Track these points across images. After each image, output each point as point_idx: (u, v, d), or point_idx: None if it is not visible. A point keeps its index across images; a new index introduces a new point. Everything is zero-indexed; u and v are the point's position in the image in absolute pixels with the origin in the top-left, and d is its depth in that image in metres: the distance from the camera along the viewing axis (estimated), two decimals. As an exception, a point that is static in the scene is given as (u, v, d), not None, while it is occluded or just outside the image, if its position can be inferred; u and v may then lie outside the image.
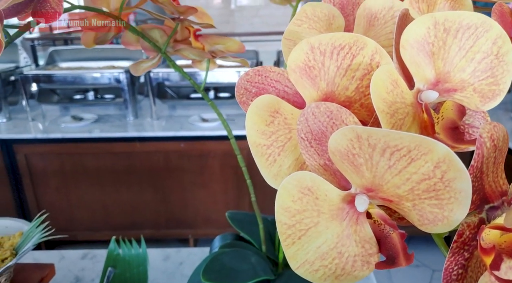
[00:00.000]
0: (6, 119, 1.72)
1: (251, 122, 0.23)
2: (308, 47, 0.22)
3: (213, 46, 0.45)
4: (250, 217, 0.64)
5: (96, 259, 0.86)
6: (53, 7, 0.29)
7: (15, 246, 0.62)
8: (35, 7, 0.30)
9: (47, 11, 0.29)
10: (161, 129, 1.66)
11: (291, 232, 0.20)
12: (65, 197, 1.67)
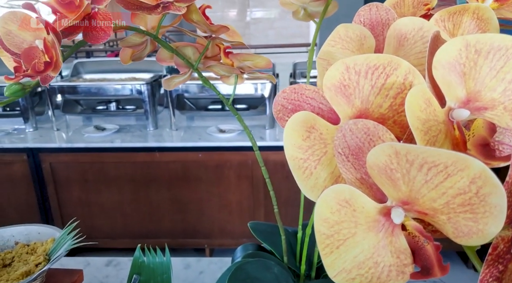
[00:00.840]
0: (32, 128, 1.79)
1: (289, 137, 0.24)
2: (343, 67, 0.24)
3: (241, 63, 0.47)
4: (271, 227, 0.65)
5: (120, 267, 0.88)
6: (103, 29, 0.31)
7: (47, 251, 0.65)
8: (85, 29, 0.32)
9: (97, 32, 0.32)
10: (179, 139, 1.69)
11: (330, 242, 0.21)
12: (86, 205, 1.71)
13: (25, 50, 0.29)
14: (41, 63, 0.28)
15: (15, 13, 0.29)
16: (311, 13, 0.57)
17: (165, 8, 0.38)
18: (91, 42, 0.32)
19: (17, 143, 1.66)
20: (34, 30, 0.29)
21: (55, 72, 0.29)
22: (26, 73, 0.28)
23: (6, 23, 0.29)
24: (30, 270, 0.60)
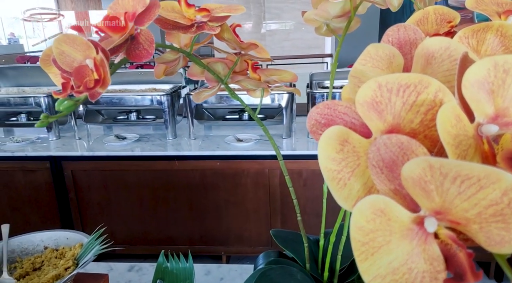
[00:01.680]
0: (55, 137, 1.85)
1: (323, 150, 0.26)
2: (376, 85, 0.25)
3: (268, 77, 0.49)
4: (293, 235, 0.67)
5: (142, 272, 0.90)
6: (145, 48, 0.34)
7: (76, 256, 0.67)
8: (128, 48, 0.35)
9: (140, 52, 0.34)
10: (197, 148, 1.72)
11: (365, 249, 0.23)
12: (106, 212, 1.75)
13: (77, 69, 0.31)
14: (92, 81, 0.31)
15: (68, 35, 0.31)
16: (334, 28, 0.59)
17: (199, 28, 0.41)
18: (135, 60, 0.34)
19: (40, 152, 1.72)
20: (84, 50, 0.31)
21: (103, 89, 0.32)
22: (78, 90, 0.30)
23: (60, 44, 0.31)
24: (60, 274, 0.63)
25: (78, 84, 0.31)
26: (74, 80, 0.31)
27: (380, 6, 0.59)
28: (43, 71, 1.44)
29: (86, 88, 0.30)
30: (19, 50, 5.41)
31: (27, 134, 1.93)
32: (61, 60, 0.31)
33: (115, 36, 0.34)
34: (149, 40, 0.34)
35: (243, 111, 1.93)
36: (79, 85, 0.31)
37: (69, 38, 0.31)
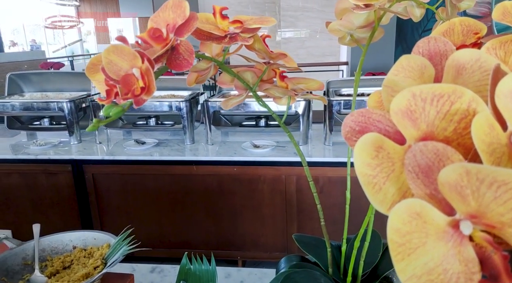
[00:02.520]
0: (77, 141, 1.90)
1: (359, 156, 0.28)
2: (410, 94, 0.27)
3: (295, 85, 0.50)
4: (315, 240, 0.68)
5: (163, 273, 0.92)
6: (186, 58, 0.36)
7: (104, 256, 0.70)
8: (169, 58, 0.37)
9: (181, 62, 0.36)
10: (215, 154, 1.75)
11: (401, 250, 0.24)
12: (125, 214, 1.79)
13: (124, 77, 0.34)
14: (138, 88, 0.33)
15: (116, 45, 0.34)
16: (357, 38, 0.61)
17: (232, 39, 0.43)
18: (176, 69, 0.36)
19: (62, 155, 1.77)
20: (131, 59, 0.34)
21: (147, 96, 0.34)
22: (126, 96, 0.33)
23: (108, 53, 0.34)
24: (89, 273, 0.65)
25: (126, 91, 0.33)
26: (122, 88, 0.33)
27: (403, 17, 0.60)
28: (65, 77, 1.55)
29: (133, 95, 0.32)
30: (41, 56, 5.59)
31: (49, 138, 1.99)
32: (109, 68, 0.34)
33: (157, 46, 0.37)
34: (189, 51, 0.37)
35: (260, 118, 1.95)
36: (126, 92, 0.33)
37: (117, 48, 0.33)
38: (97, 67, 0.38)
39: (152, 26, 0.38)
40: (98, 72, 0.39)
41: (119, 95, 0.36)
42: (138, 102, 0.34)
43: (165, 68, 0.39)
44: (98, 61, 0.38)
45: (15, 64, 4.94)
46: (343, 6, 0.59)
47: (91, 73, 0.39)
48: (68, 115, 1.84)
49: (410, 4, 0.59)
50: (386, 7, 0.55)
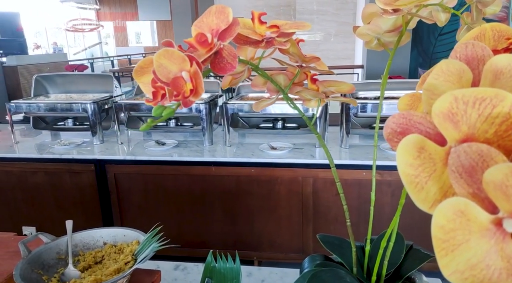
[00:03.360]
0: (99, 141, 1.95)
1: (401, 156, 0.29)
2: (452, 98, 0.28)
3: (326, 88, 0.52)
4: (338, 240, 0.69)
5: (186, 271, 0.94)
6: (229, 62, 0.38)
7: (134, 252, 0.72)
8: (213, 61, 0.39)
9: (224, 65, 0.38)
10: (232, 155, 1.77)
11: (445, 246, 0.25)
12: (145, 213, 1.82)
13: (174, 79, 0.36)
14: (188, 90, 0.35)
15: (167, 49, 0.36)
16: (384, 42, 0.62)
17: (269, 43, 0.45)
18: (220, 72, 0.38)
19: (85, 155, 1.82)
20: (180, 63, 0.36)
21: (195, 98, 0.36)
22: (176, 98, 0.35)
23: (160, 57, 0.36)
24: (121, 268, 0.68)
25: (176, 93, 0.35)
26: (172, 90, 0.36)
27: (428, 21, 0.61)
28: (89, 78, 1.61)
29: (183, 96, 0.34)
30: (63, 59, 5.74)
31: (72, 138, 2.05)
32: (160, 71, 0.36)
33: (202, 50, 0.39)
34: (232, 55, 0.39)
35: (277, 120, 1.97)
36: (176, 94, 0.35)
37: (168, 52, 0.35)
38: (144, 70, 0.41)
39: (196, 31, 0.41)
40: (145, 74, 0.41)
41: (165, 96, 0.39)
42: (186, 103, 0.36)
43: (209, 70, 0.41)
44: (145, 65, 0.40)
45: (38, 66, 5.10)
46: (370, 10, 0.60)
47: (138, 75, 0.41)
48: (92, 116, 1.89)
49: (435, 9, 0.60)
50: (413, 12, 0.56)
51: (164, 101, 0.40)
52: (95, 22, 7.59)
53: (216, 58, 0.39)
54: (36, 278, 0.66)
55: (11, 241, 0.86)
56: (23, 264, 0.65)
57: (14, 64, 4.93)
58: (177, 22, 7.25)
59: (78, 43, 9.51)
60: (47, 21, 8.51)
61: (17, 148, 1.97)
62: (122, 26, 9.62)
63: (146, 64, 0.40)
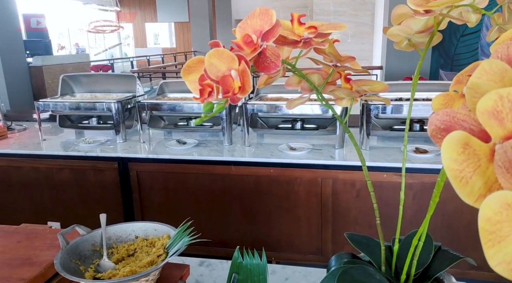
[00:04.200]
0: (122, 140, 2.00)
1: (446, 152, 0.30)
2: (497, 96, 0.29)
3: (360, 87, 0.53)
4: (366, 239, 0.69)
5: (211, 267, 0.97)
6: (273, 61, 0.40)
7: (165, 245, 0.75)
8: (257, 61, 0.41)
9: (268, 64, 0.40)
10: (251, 155, 1.79)
11: (492, 237, 0.26)
12: (165, 211, 1.86)
13: (223, 77, 0.38)
14: (237, 88, 0.37)
15: (217, 50, 0.38)
16: (415, 43, 0.63)
17: (306, 44, 0.46)
18: (263, 71, 0.40)
19: (109, 153, 1.87)
20: (228, 62, 0.38)
21: (243, 94, 0.38)
22: (226, 95, 0.37)
23: (210, 57, 0.38)
24: (153, 260, 0.70)
25: (225, 90, 0.37)
26: (221, 87, 0.38)
27: (458, 22, 0.62)
28: (113, 78, 1.67)
29: (233, 93, 0.36)
30: (85, 59, 5.90)
31: (97, 136, 2.11)
32: (210, 70, 0.38)
33: (247, 50, 0.41)
34: (276, 54, 0.40)
35: (296, 121, 1.98)
36: (226, 91, 0.37)
37: (218, 52, 0.38)
38: (192, 69, 0.43)
39: (241, 32, 0.43)
40: (192, 73, 0.43)
41: (211, 94, 0.41)
42: (234, 100, 0.38)
43: (253, 69, 0.42)
44: (193, 64, 0.43)
45: (61, 66, 5.25)
46: (400, 11, 0.61)
47: (185, 74, 0.43)
48: (116, 115, 1.94)
49: (465, 9, 0.61)
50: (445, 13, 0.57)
51: (210, 98, 0.42)
52: (115, 24, 7.77)
53: (259, 57, 0.41)
54: (74, 267, 0.69)
55: (47, 233, 0.90)
56: (62, 254, 0.68)
57: (40, 64, 5.10)
58: (195, 23, 7.34)
59: (98, 44, 9.74)
60: (69, 23, 8.76)
61: (44, 145, 2.04)
62: (141, 27, 9.80)
63: (194, 63, 0.42)
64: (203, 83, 0.41)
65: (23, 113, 3.23)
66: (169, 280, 0.73)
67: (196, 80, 0.42)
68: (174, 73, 5.60)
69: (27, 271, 0.73)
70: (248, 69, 0.37)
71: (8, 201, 2.05)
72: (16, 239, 0.87)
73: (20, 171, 1.98)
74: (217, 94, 0.39)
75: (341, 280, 0.55)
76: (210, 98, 0.42)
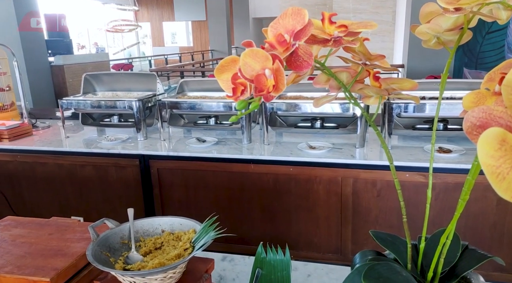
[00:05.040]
0: (143, 137, 2.04)
1: (482, 148, 0.30)
2: (535, 93, 0.29)
3: (388, 85, 0.53)
4: (391, 237, 0.70)
5: (234, 262, 0.98)
6: (305, 60, 0.41)
7: (191, 239, 0.77)
8: (289, 60, 0.42)
9: (301, 63, 0.41)
10: (270, 153, 1.80)
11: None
12: (185, 208, 1.89)
13: (257, 76, 0.39)
14: (271, 86, 0.38)
15: (252, 49, 0.39)
16: (444, 41, 0.62)
17: (336, 42, 0.47)
18: (296, 70, 0.41)
19: (131, 150, 1.91)
20: (262, 61, 0.39)
21: (276, 93, 0.39)
22: (260, 94, 0.38)
23: (245, 56, 0.39)
24: (180, 253, 0.72)
25: (259, 89, 0.39)
26: (255, 86, 0.39)
27: (488, 19, 0.61)
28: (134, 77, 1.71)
29: (267, 92, 0.38)
30: (105, 58, 6.04)
31: (118, 134, 2.16)
32: (244, 69, 0.39)
33: (280, 49, 0.42)
34: (308, 53, 0.41)
35: (315, 119, 1.98)
36: (260, 90, 0.38)
37: (253, 52, 0.39)
38: (225, 68, 0.44)
39: (272, 31, 0.44)
40: (225, 72, 0.45)
41: (244, 92, 0.42)
42: (268, 98, 0.39)
43: (285, 68, 0.43)
44: (226, 63, 0.44)
45: (82, 65, 5.39)
46: (429, 9, 0.61)
47: (218, 73, 0.45)
48: (137, 113, 1.99)
49: (496, 6, 0.60)
50: (475, 10, 0.56)
51: (243, 96, 0.43)
52: (133, 23, 7.91)
53: (292, 56, 0.42)
54: (105, 259, 0.71)
55: (76, 226, 0.93)
56: (93, 246, 0.71)
57: (61, 63, 5.25)
58: (212, 22, 7.38)
59: (117, 43, 9.93)
60: (89, 22, 8.97)
61: (67, 142, 2.10)
62: (158, 26, 9.95)
63: (227, 62, 0.44)
64: (236, 81, 0.42)
65: (46, 110, 3.33)
66: (195, 273, 0.75)
67: (228, 78, 0.44)
68: (192, 72, 5.67)
69: (60, 262, 0.76)
70: (283, 67, 0.38)
71: (34, 196, 2.12)
72: (47, 231, 0.90)
73: (45, 167, 2.05)
74: (250, 93, 0.40)
75: (368, 276, 0.55)
76: (243, 96, 0.43)
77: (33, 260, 0.77)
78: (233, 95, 0.43)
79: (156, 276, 0.67)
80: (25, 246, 0.83)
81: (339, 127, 1.94)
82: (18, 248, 0.82)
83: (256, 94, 0.39)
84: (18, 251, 0.81)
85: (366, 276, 0.55)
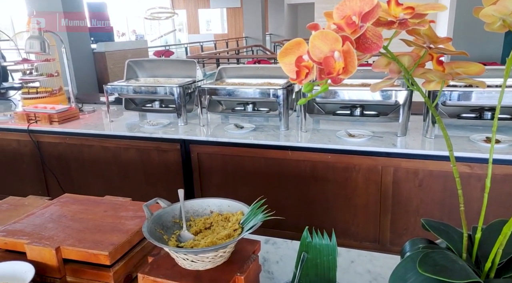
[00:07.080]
0: (183, 123, 2.10)
1: None
2: None
3: (453, 70, 0.52)
4: (444, 225, 0.68)
5: (276, 245, 1.00)
6: (374, 42, 0.40)
7: (239, 221, 0.79)
8: (357, 42, 0.42)
9: (369, 45, 0.41)
10: (308, 140, 1.79)
11: None
12: (223, 192, 1.94)
13: (325, 59, 0.39)
14: (340, 69, 0.38)
15: (322, 31, 0.39)
16: (510, 23, 0.59)
17: (402, 25, 0.46)
18: (364, 52, 0.41)
19: (172, 135, 1.97)
20: (332, 43, 0.39)
21: (345, 75, 0.39)
22: (329, 76, 0.38)
23: (314, 39, 0.39)
24: (230, 234, 0.75)
25: (327, 71, 0.39)
26: (324, 68, 0.39)
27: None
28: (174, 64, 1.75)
29: (337, 74, 0.38)
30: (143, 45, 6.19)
31: (159, 119, 2.22)
32: (313, 52, 0.39)
33: (349, 30, 0.41)
34: (377, 35, 0.41)
35: (355, 107, 1.94)
36: (328, 73, 0.38)
37: (323, 34, 0.39)
38: (288, 51, 0.45)
39: (338, 13, 0.43)
40: (288, 55, 0.45)
41: (308, 75, 0.42)
42: (336, 80, 0.39)
43: (350, 52, 0.43)
44: (290, 46, 0.44)
45: (122, 52, 5.56)
46: (495, -9, 0.58)
47: (282, 56, 0.45)
48: (178, 98, 2.04)
49: None
50: (549, -10, 0.53)
51: (307, 79, 0.43)
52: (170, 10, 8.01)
53: (359, 39, 0.42)
54: (159, 236, 0.75)
55: (128, 205, 0.99)
56: (148, 223, 0.75)
57: (103, 50, 5.44)
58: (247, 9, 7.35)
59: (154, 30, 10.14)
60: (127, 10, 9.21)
61: (112, 126, 2.19)
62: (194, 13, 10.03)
63: (291, 45, 0.44)
64: (301, 64, 0.43)
65: (89, 95, 3.48)
66: (243, 253, 0.77)
67: (292, 62, 0.44)
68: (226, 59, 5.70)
69: (116, 237, 0.81)
70: (353, 49, 0.38)
71: (82, 176, 2.24)
72: (102, 209, 0.96)
73: (91, 149, 2.16)
74: (316, 75, 0.40)
75: (423, 263, 0.55)
76: (306, 80, 0.43)
77: (91, 235, 0.82)
78: (296, 78, 0.43)
79: (208, 254, 0.69)
80: (84, 222, 0.88)
81: (380, 115, 1.89)
82: (77, 223, 0.88)
83: (323, 77, 0.39)
84: (78, 226, 0.87)
85: (422, 263, 0.55)
